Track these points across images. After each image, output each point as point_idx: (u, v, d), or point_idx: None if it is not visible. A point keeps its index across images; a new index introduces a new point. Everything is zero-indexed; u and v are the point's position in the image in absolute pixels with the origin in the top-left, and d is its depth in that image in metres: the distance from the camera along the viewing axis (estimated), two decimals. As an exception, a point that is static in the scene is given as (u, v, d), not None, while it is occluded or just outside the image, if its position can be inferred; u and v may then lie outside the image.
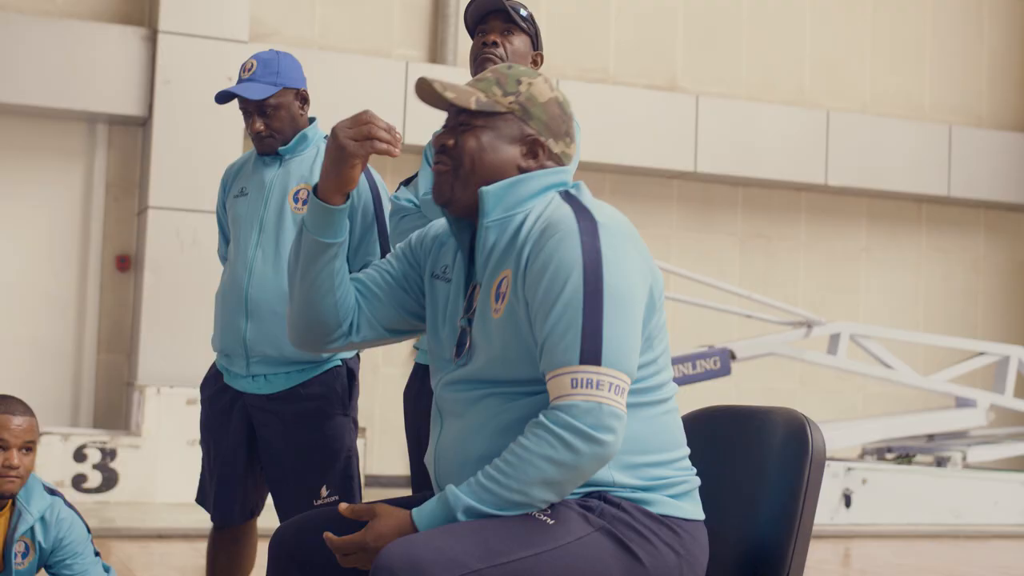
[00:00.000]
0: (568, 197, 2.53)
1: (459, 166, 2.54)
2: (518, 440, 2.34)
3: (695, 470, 2.57)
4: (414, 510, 2.38)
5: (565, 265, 2.38)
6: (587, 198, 2.53)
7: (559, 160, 2.60)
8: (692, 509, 2.51)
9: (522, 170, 2.55)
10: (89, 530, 3.76)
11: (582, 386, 2.33)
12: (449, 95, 2.53)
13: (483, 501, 2.33)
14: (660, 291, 2.51)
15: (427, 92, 2.59)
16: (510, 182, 2.52)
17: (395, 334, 2.76)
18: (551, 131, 2.58)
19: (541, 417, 2.33)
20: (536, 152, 2.56)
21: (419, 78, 2.58)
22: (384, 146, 2.58)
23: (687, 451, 2.56)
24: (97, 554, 3.79)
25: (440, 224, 2.75)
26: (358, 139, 2.60)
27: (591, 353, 2.34)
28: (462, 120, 2.56)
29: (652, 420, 2.49)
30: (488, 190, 2.51)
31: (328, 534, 2.44)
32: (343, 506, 2.45)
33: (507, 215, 2.52)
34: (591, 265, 2.37)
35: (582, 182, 2.61)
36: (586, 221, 2.43)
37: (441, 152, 2.57)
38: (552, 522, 2.36)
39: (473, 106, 2.53)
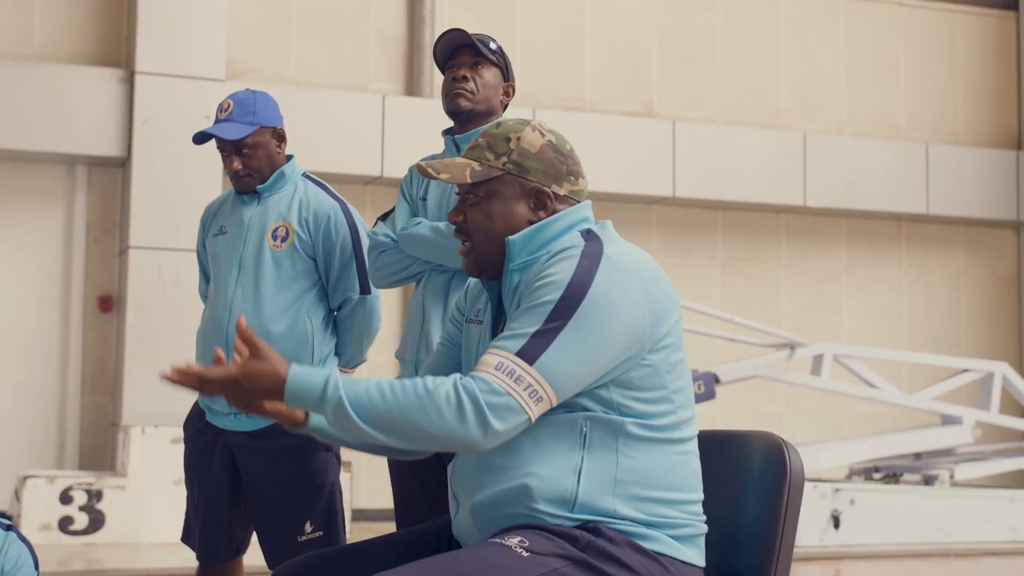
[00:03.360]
0: (589, 234, 2.58)
1: (473, 240, 2.62)
2: (426, 381, 2.38)
3: (704, 518, 2.57)
4: (293, 368, 2.42)
5: (555, 277, 2.45)
6: (609, 235, 2.58)
7: (571, 201, 2.64)
8: (692, 554, 2.52)
9: (534, 223, 2.60)
10: (37, 566, 3.74)
11: (504, 372, 2.37)
12: (444, 176, 2.59)
13: (356, 406, 2.37)
14: (666, 333, 2.51)
15: (427, 173, 2.65)
16: (535, 228, 2.58)
17: None
18: (552, 176, 2.62)
19: (455, 379, 2.38)
20: (544, 202, 2.61)
21: (415, 164, 2.67)
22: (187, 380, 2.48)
23: (700, 496, 2.57)
24: None
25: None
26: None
27: (530, 352, 2.38)
28: (465, 193, 2.63)
29: (664, 458, 2.50)
30: (514, 239, 2.57)
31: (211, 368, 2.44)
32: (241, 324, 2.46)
33: (531, 258, 2.58)
34: (578, 283, 2.42)
35: (609, 221, 2.64)
36: (593, 249, 2.49)
37: (457, 231, 2.65)
38: (527, 554, 2.36)
39: (469, 180, 2.58)
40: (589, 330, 2.39)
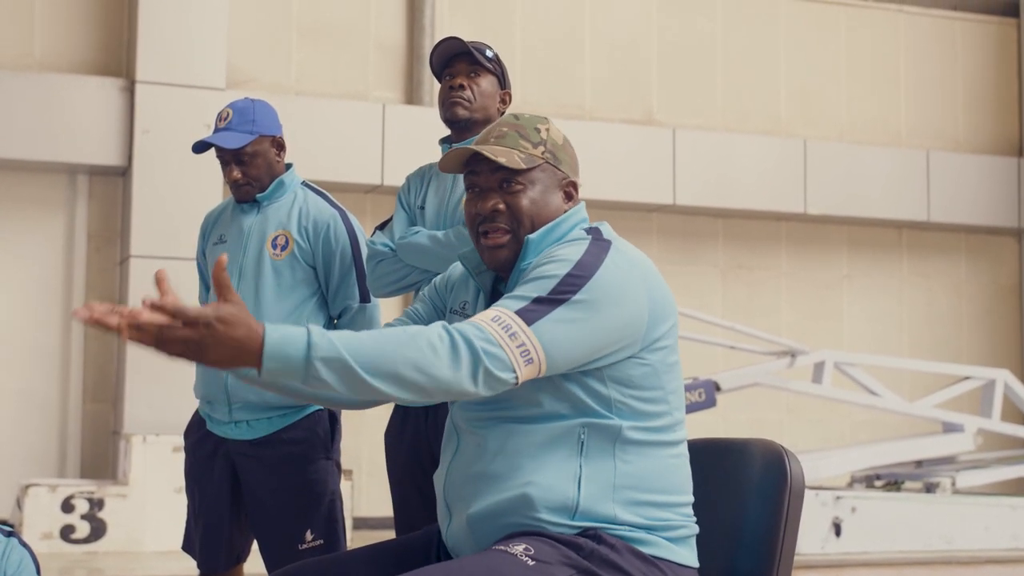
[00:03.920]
0: (593, 231, 2.59)
1: (519, 227, 2.56)
2: (408, 328, 2.30)
3: (695, 518, 2.57)
4: (269, 328, 2.20)
5: (563, 256, 2.44)
6: (610, 233, 2.59)
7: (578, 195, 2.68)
8: (687, 555, 2.53)
9: (565, 211, 2.61)
10: (39, 571, 3.74)
11: (500, 326, 2.32)
12: (501, 159, 2.53)
13: (351, 352, 2.22)
14: (663, 334, 2.51)
15: (452, 161, 2.60)
16: (550, 227, 2.57)
17: None
18: (574, 169, 2.66)
19: (442, 323, 2.32)
20: (571, 193, 2.63)
21: (459, 147, 2.58)
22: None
23: (691, 499, 2.57)
24: None
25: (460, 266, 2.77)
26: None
27: (529, 314, 2.35)
28: (503, 180, 2.57)
29: (661, 461, 2.51)
30: (533, 238, 2.55)
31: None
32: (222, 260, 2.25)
33: (539, 257, 2.56)
34: (586, 264, 2.42)
35: (606, 223, 2.65)
36: (601, 240, 2.51)
37: (492, 220, 2.56)
38: (533, 562, 2.35)
39: (523, 165, 2.55)
40: (590, 310, 2.38)
